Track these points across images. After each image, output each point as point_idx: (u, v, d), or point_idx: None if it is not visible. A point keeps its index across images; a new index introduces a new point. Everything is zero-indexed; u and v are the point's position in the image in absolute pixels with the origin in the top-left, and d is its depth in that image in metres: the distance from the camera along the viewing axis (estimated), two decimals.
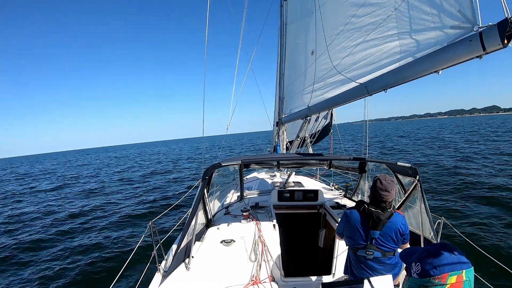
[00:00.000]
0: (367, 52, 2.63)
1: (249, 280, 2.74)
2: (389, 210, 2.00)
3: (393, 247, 2.07)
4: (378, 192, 1.96)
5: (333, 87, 3.45)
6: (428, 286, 0.90)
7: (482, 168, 13.48)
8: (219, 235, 3.02)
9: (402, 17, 2.05)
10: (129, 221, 8.98)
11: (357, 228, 2.06)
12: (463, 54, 1.38)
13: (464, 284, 0.88)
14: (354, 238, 2.10)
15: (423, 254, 0.98)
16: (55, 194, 15.89)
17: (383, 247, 2.03)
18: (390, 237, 2.03)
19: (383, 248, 2.04)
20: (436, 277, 0.89)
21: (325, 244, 3.68)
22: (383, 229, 2.00)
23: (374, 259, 2.08)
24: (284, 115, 6.05)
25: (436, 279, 0.89)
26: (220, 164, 3.05)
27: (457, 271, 0.89)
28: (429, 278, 0.91)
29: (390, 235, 2.03)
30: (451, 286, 0.87)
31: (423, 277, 0.92)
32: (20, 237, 8.39)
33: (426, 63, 1.63)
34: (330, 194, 4.77)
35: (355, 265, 2.20)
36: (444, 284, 0.88)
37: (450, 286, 0.87)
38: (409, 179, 3.25)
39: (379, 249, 2.03)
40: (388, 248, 2.05)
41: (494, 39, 1.20)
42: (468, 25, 1.45)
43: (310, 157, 4.02)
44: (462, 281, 0.88)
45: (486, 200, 8.47)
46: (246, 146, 45.34)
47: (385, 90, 2.08)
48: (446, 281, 0.88)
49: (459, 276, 0.88)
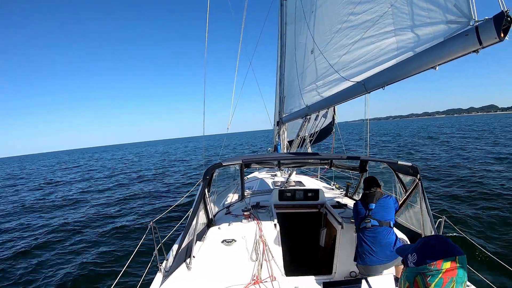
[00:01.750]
0: (364, 49, 2.63)
1: (250, 280, 2.75)
2: (378, 191, 2.93)
3: (387, 217, 2.73)
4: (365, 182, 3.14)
5: (332, 86, 3.45)
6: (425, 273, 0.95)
7: (484, 166, 13.41)
8: (220, 235, 3.02)
9: (398, 13, 2.05)
10: (130, 221, 9.00)
11: (360, 206, 2.91)
12: (459, 48, 1.37)
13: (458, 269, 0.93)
14: (358, 212, 2.89)
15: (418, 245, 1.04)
16: (55, 193, 15.98)
17: (378, 215, 2.73)
18: (383, 208, 2.77)
19: (378, 217, 2.72)
20: (432, 264, 0.94)
21: (326, 243, 3.68)
22: (377, 202, 2.80)
23: (372, 229, 2.69)
24: (284, 114, 6.05)
25: (431, 266, 0.94)
26: (221, 163, 3.06)
27: (451, 257, 0.94)
28: (425, 265, 0.96)
29: (383, 206, 2.78)
30: (446, 271, 0.92)
31: (419, 265, 0.98)
32: (20, 236, 8.45)
33: (423, 59, 1.62)
34: (331, 194, 4.76)
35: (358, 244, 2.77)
36: (439, 270, 0.93)
37: (445, 271, 0.92)
38: (410, 178, 3.24)
39: (375, 218, 2.72)
40: (382, 217, 2.72)
41: (490, 33, 1.20)
42: (464, 19, 1.44)
43: (310, 157, 4.02)
44: (456, 267, 0.93)
45: (487, 200, 8.42)
46: (246, 146, 45.35)
47: (383, 87, 2.07)
48: (441, 266, 0.93)
49: (453, 262, 0.93)
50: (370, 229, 2.69)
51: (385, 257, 2.59)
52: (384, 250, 2.59)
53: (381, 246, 2.60)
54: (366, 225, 2.71)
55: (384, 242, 2.61)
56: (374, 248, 2.61)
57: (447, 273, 0.92)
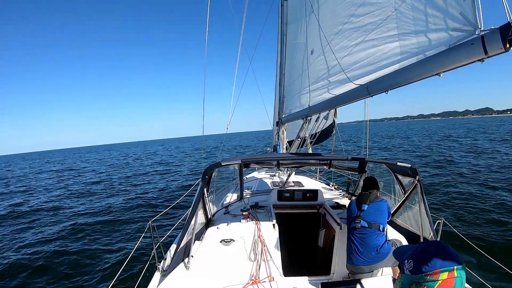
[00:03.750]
0: (366, 52, 2.62)
1: (248, 280, 2.75)
2: (374, 194, 2.91)
3: (377, 220, 2.73)
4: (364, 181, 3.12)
5: (334, 87, 3.45)
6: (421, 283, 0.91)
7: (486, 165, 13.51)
8: (218, 235, 3.03)
9: (403, 17, 2.04)
10: (128, 220, 8.97)
11: (353, 205, 2.95)
12: (464, 57, 1.37)
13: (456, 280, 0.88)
14: (350, 211, 2.93)
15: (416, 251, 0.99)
16: (54, 193, 15.87)
17: (368, 218, 2.75)
18: (375, 210, 2.78)
19: (369, 218, 2.74)
20: (428, 273, 0.90)
21: (325, 244, 3.69)
22: (371, 204, 2.82)
23: (361, 229, 2.73)
24: (284, 114, 6.03)
25: (428, 275, 0.90)
26: (220, 163, 3.05)
27: (448, 268, 0.89)
28: (421, 275, 0.91)
29: (376, 209, 2.79)
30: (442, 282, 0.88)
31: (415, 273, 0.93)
32: (18, 234, 8.39)
33: (428, 65, 1.62)
34: (329, 194, 4.78)
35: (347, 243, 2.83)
36: (436, 280, 0.88)
37: (442, 282, 0.88)
38: (409, 179, 3.26)
39: (366, 220, 2.74)
40: (373, 220, 2.73)
41: (496, 43, 1.20)
42: (470, 28, 1.44)
43: (310, 157, 4.03)
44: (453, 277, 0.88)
45: (487, 199, 8.50)
46: (246, 146, 45.27)
47: (387, 92, 2.07)
48: (437, 277, 0.88)
49: (450, 273, 0.88)
50: (359, 230, 2.74)
51: (370, 258, 2.64)
52: (369, 251, 2.64)
53: (367, 247, 2.65)
54: (356, 225, 2.76)
55: (371, 244, 2.65)
56: (361, 249, 2.67)
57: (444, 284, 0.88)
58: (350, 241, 2.78)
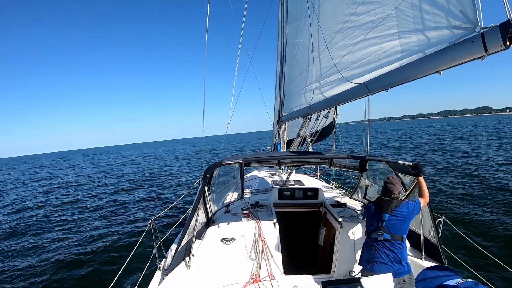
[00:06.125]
0: (367, 50, 2.62)
1: (249, 278, 2.76)
2: (396, 199, 2.53)
3: (401, 231, 2.50)
4: (386, 184, 2.59)
5: (334, 86, 3.44)
6: None
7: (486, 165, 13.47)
8: (219, 234, 3.03)
9: (403, 15, 2.04)
10: (129, 219, 8.99)
11: (373, 213, 2.61)
12: (465, 55, 1.37)
13: None
14: (370, 221, 2.63)
15: None
16: (53, 192, 15.91)
17: (391, 229, 2.49)
18: (398, 220, 2.49)
19: (392, 231, 2.49)
20: None
21: (325, 242, 3.70)
22: (392, 213, 2.49)
23: (383, 242, 2.50)
24: (284, 113, 6.03)
25: None
26: (221, 162, 3.05)
27: None
28: None
29: (399, 218, 2.49)
30: None
31: None
32: (18, 234, 8.41)
33: (428, 63, 1.62)
34: (330, 193, 4.77)
35: (366, 248, 2.63)
36: None
37: None
38: (411, 177, 3.25)
39: (388, 231, 2.49)
40: (396, 231, 2.49)
41: (496, 41, 1.20)
42: (470, 25, 1.44)
43: (310, 156, 4.02)
44: None
45: (488, 199, 8.48)
46: (245, 146, 45.22)
47: (387, 90, 2.07)
48: None
49: None
50: (381, 242, 2.53)
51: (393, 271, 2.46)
52: (393, 262, 2.50)
53: (390, 259, 2.50)
54: (378, 238, 2.53)
55: (396, 257, 2.49)
56: (384, 260, 2.51)
57: None
58: (372, 248, 2.57)
